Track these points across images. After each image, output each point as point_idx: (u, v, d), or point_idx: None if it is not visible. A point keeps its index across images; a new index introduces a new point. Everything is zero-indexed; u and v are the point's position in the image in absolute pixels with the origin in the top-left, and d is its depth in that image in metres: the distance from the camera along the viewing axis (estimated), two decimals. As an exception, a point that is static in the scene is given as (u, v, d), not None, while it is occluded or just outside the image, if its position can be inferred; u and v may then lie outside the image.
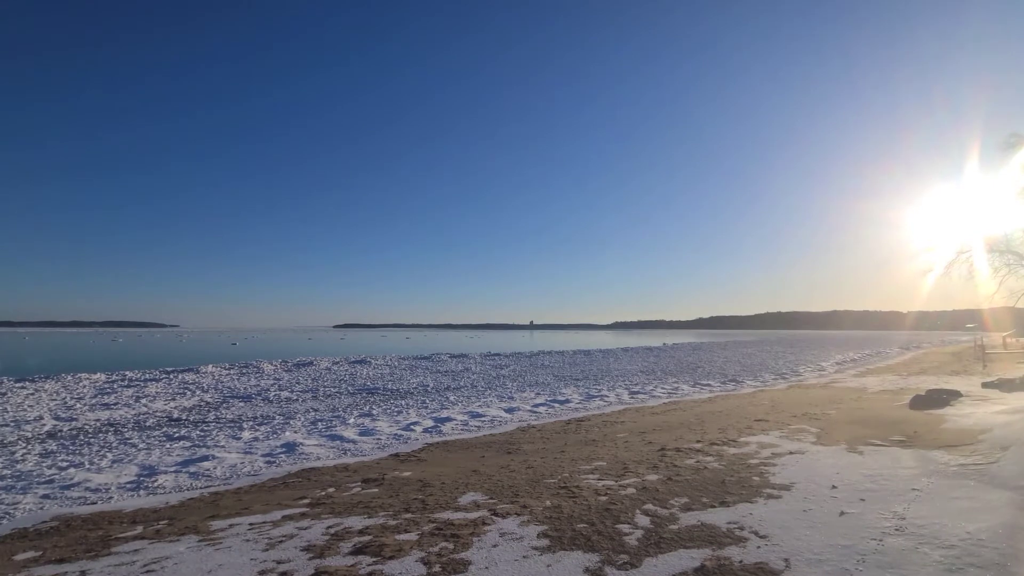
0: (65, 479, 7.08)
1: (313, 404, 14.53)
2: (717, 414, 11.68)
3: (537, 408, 13.45)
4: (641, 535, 4.45)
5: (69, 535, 5.01)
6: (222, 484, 6.97)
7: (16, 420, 11.66)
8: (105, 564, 4.17)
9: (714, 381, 20.06)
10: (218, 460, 8.11)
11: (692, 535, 4.43)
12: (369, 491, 6.25)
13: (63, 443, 9.52)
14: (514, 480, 6.47)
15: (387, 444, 9.42)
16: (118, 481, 7.06)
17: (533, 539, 4.42)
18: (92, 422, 11.61)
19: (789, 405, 12.77)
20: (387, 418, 11.98)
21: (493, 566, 3.91)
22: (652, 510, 5.10)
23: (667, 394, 16.25)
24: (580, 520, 4.86)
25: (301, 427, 10.92)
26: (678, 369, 25.94)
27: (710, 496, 5.53)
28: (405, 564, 3.96)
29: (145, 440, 9.71)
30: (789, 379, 20.83)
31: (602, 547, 4.21)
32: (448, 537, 4.51)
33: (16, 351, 48.41)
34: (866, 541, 4.21)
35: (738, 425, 10.05)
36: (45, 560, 4.33)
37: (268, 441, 9.50)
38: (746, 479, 6.18)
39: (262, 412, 13.08)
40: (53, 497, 6.39)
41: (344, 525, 4.95)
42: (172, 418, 12.24)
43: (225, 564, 4.08)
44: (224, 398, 15.59)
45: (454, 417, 11.96)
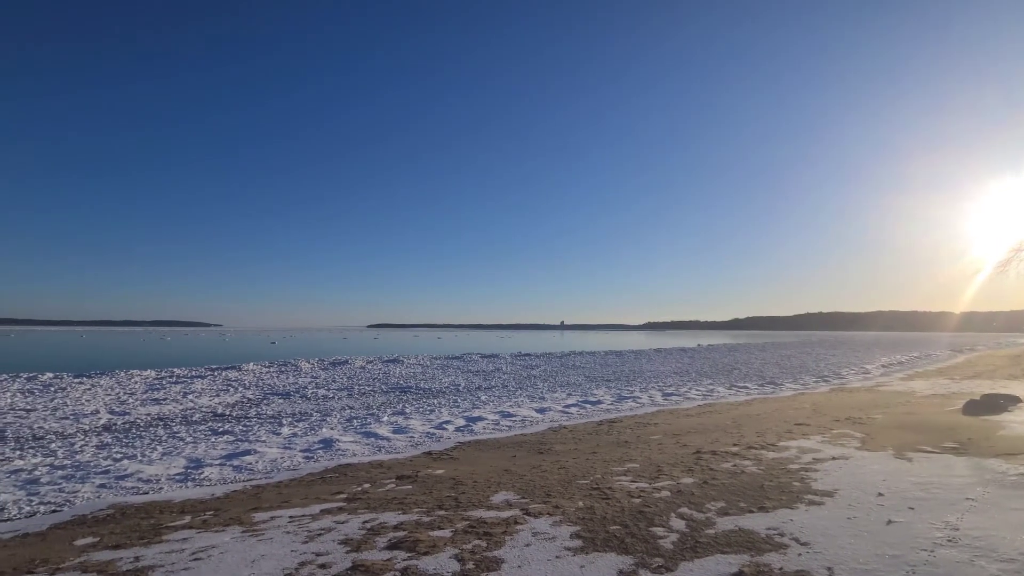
0: (119, 470, 7.47)
1: (348, 402, 14.87)
2: (755, 417, 11.37)
3: (568, 409, 13.39)
4: (676, 539, 4.38)
5: (124, 523, 5.29)
6: (263, 478, 7.22)
7: (75, 414, 12.38)
8: (157, 551, 4.39)
9: (751, 383, 19.53)
10: (259, 454, 8.40)
11: (729, 540, 4.33)
12: (403, 488, 6.36)
13: (117, 436, 10.05)
14: (546, 480, 6.47)
15: (420, 442, 9.55)
16: (167, 473, 7.41)
17: (566, 539, 4.41)
18: (143, 416, 12.21)
19: (831, 409, 12.31)
20: (420, 416, 12.15)
21: (526, 565, 3.92)
22: (687, 514, 5.01)
23: (702, 396, 15.91)
24: (613, 522, 4.81)
25: (337, 424, 11.20)
26: (713, 371, 25.35)
27: (748, 501, 5.39)
28: (439, 560, 4.02)
29: (192, 434, 10.15)
30: (831, 382, 20.07)
31: (636, 549, 4.17)
32: (481, 535, 4.54)
33: (74, 348, 51.42)
34: (916, 552, 4.03)
35: (777, 429, 9.76)
36: (103, 546, 4.59)
37: (306, 437, 9.78)
38: (786, 484, 6.00)
39: (300, 409, 13.48)
40: (109, 487, 6.75)
41: (379, 520, 5.06)
42: (216, 414, 12.75)
43: (267, 555, 4.23)
44: (264, 395, 16.13)
45: (485, 416, 12.03)
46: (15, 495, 6.31)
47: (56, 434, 10.18)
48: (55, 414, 12.30)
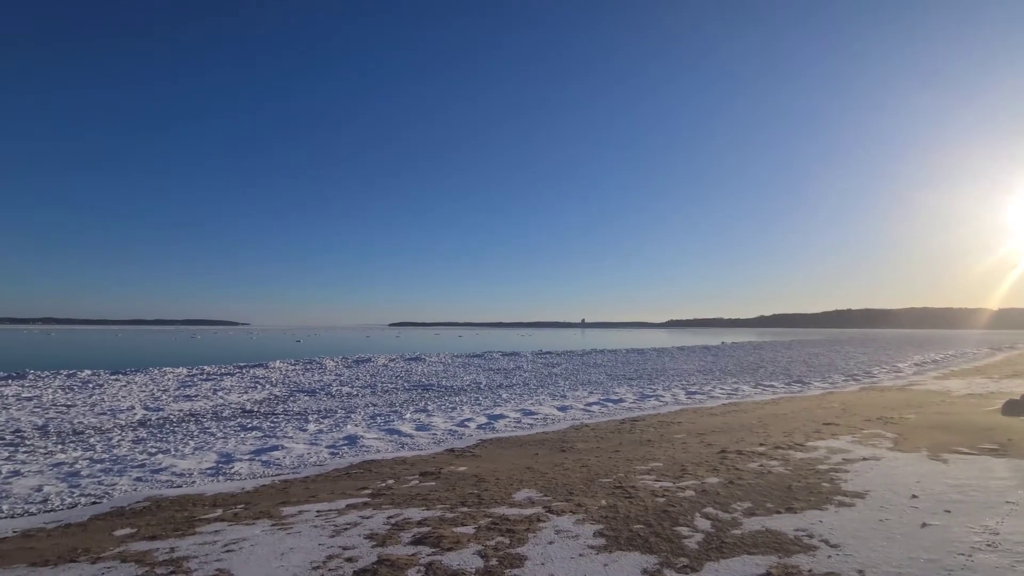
0: (154, 464, 7.73)
1: (372, 399, 15.09)
2: (781, 416, 11.15)
3: (590, 407, 13.34)
4: (701, 538, 4.33)
5: (159, 514, 5.48)
6: (291, 473, 7.38)
7: (112, 409, 12.85)
8: (191, 542, 4.54)
9: (777, 382, 19.14)
10: (287, 450, 8.59)
11: (756, 541, 4.26)
12: (426, 484, 6.43)
13: (152, 431, 10.40)
14: (568, 478, 6.46)
15: (442, 439, 9.64)
16: (199, 467, 7.64)
17: (589, 538, 4.41)
18: (176, 412, 12.60)
19: (862, 408, 11.99)
20: (442, 414, 12.26)
21: (549, 562, 3.93)
22: (712, 513, 4.95)
23: (726, 395, 15.66)
24: (637, 521, 4.79)
25: (361, 421, 11.37)
26: (738, 369, 24.93)
27: (775, 501, 5.30)
28: (463, 556, 4.05)
29: (222, 430, 10.44)
30: (861, 381, 19.54)
31: (660, 549, 4.14)
32: (504, 532, 4.57)
33: (110, 347, 53.32)
34: (953, 556, 3.90)
35: (805, 429, 9.55)
36: (140, 536, 4.76)
37: (331, 433, 9.96)
38: (815, 485, 5.87)
39: (325, 406, 13.73)
40: (145, 480, 6.99)
41: (404, 516, 5.13)
42: (245, 410, 13.08)
43: (296, 548, 4.33)
44: (291, 392, 16.48)
45: (507, 414, 12.07)
46: (58, 487, 6.59)
47: (95, 429, 10.58)
48: (93, 410, 12.78)
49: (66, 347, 51.76)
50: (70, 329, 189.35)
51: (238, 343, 63.98)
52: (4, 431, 10.24)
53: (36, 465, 7.67)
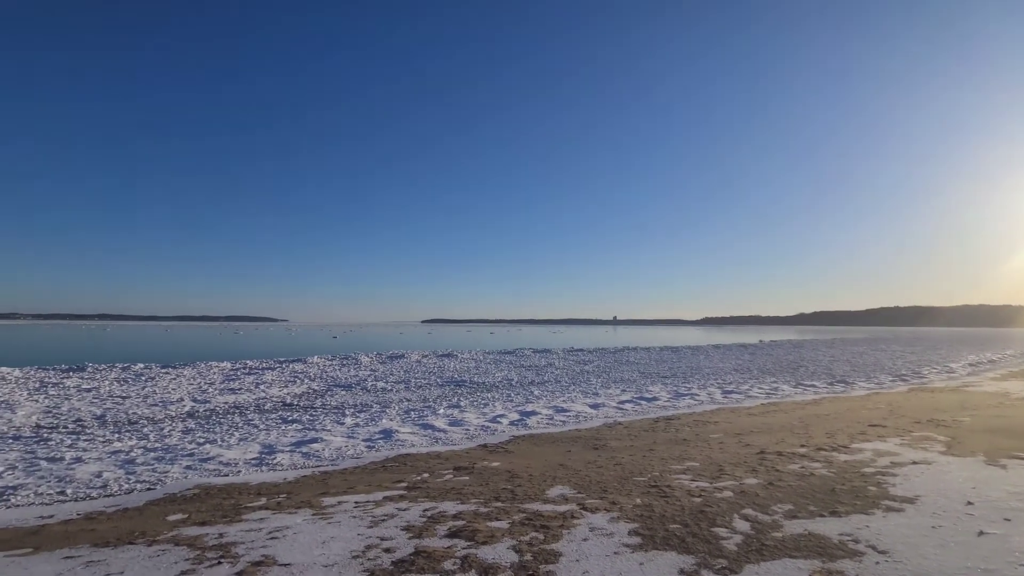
0: (202, 453, 8.10)
1: (406, 394, 15.35)
2: (824, 417, 10.77)
3: (623, 405, 13.20)
4: (740, 540, 4.24)
5: (208, 502, 5.74)
6: (330, 464, 7.60)
7: (163, 401, 13.51)
8: (238, 529, 4.74)
9: (819, 382, 18.47)
10: (325, 443, 8.84)
11: (798, 544, 4.14)
12: (460, 479, 6.51)
13: (200, 422, 10.88)
14: (602, 476, 6.42)
15: (475, 435, 9.73)
16: (244, 457, 7.95)
17: (624, 536, 4.37)
18: (222, 405, 13.15)
19: (911, 410, 11.46)
20: (474, 410, 12.37)
21: (584, 559, 3.92)
22: (752, 515, 4.84)
23: (765, 394, 15.23)
24: (673, 520, 4.72)
25: (396, 415, 11.59)
26: (777, 368, 24.18)
27: (818, 504, 5.13)
28: (497, 550, 4.09)
29: (264, 422, 10.83)
30: (910, 381, 18.65)
31: (697, 549, 4.07)
32: (538, 528, 4.58)
33: (160, 341, 56.01)
34: (1013, 567, 3.70)
35: (849, 430, 9.20)
36: (191, 522, 5.00)
37: (367, 427, 10.20)
38: (860, 488, 5.66)
39: (361, 400, 14.06)
40: (194, 468, 7.33)
41: (439, 509, 5.21)
42: (286, 403, 13.53)
43: (336, 537, 4.47)
44: (328, 387, 16.94)
45: (539, 411, 12.08)
46: (116, 473, 6.98)
47: (147, 419, 11.15)
48: (146, 401, 13.47)
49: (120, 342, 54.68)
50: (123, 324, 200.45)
51: (277, 339, 66.16)
52: (67, 420, 10.92)
53: (96, 452, 8.15)
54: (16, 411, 11.80)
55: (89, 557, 4.12)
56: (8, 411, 11.78)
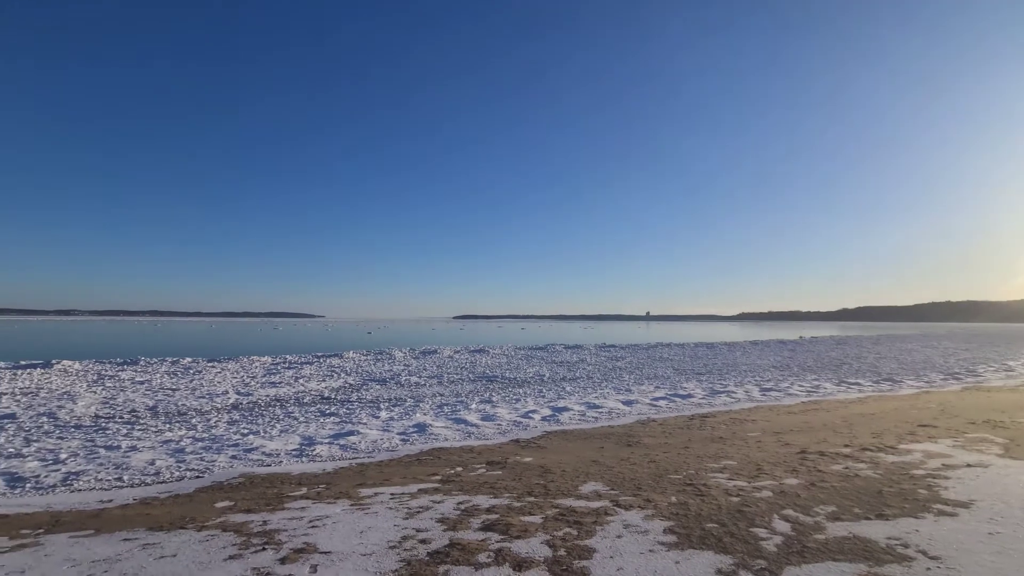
0: (247, 444, 8.43)
1: (439, 389, 15.56)
2: (869, 417, 10.34)
3: (657, 402, 13.02)
4: (780, 541, 4.13)
5: (252, 490, 5.98)
6: (366, 456, 7.79)
7: (209, 393, 14.12)
8: (281, 516, 4.92)
9: (864, 380, 17.73)
10: (362, 435, 9.07)
11: (842, 547, 4.00)
12: (493, 473, 6.57)
13: (243, 414, 11.33)
14: (636, 473, 6.36)
15: (507, 430, 9.78)
16: (285, 448, 8.23)
17: (659, 534, 4.32)
18: (263, 397, 13.64)
19: (965, 410, 10.87)
20: (506, 405, 12.43)
21: (618, 556, 3.90)
22: (793, 516, 4.70)
23: (805, 392, 14.73)
24: (709, 520, 4.64)
25: (429, 410, 11.77)
26: (818, 365, 23.34)
27: (863, 507, 4.94)
28: (531, 545, 4.11)
29: (304, 415, 11.18)
30: (963, 380, 17.68)
31: (735, 550, 3.99)
32: (571, 523, 4.58)
33: (206, 336, 58.49)
34: (1081, 578, 3.47)
35: (897, 430, 8.81)
36: (237, 509, 5.22)
37: (402, 421, 10.40)
38: (909, 491, 5.41)
39: (395, 395, 14.33)
40: (239, 458, 7.65)
41: (472, 502, 5.27)
42: (323, 397, 13.93)
43: (374, 527, 4.58)
44: (364, 381, 17.34)
45: (571, 407, 12.04)
46: (167, 461, 7.35)
47: (195, 411, 11.68)
48: (194, 393, 14.11)
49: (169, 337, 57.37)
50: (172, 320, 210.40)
51: (315, 334, 68.05)
52: (123, 411, 11.55)
53: (149, 441, 8.60)
54: (77, 402, 12.56)
55: (145, 540, 4.36)
56: (70, 402, 12.56)
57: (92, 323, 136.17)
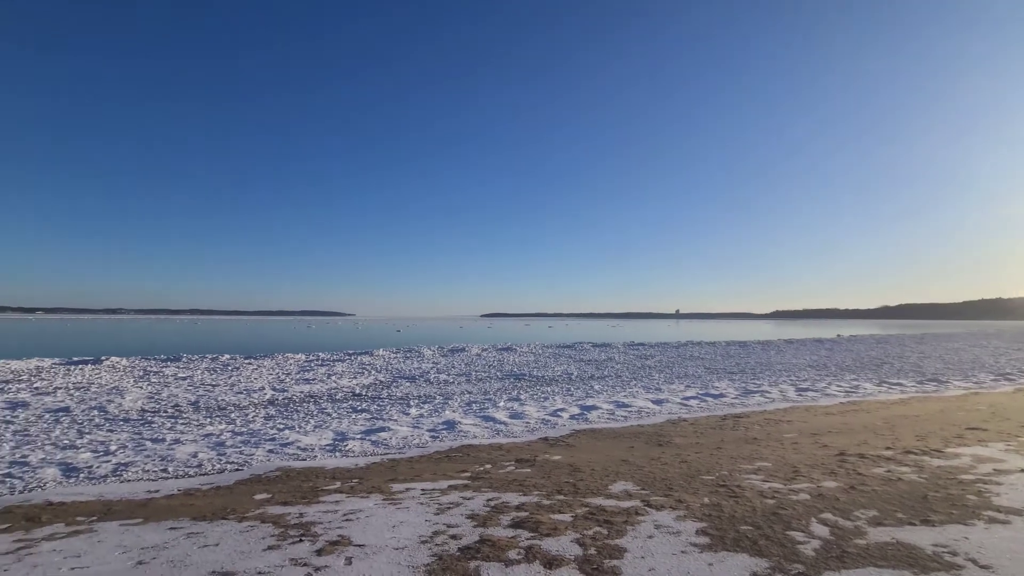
0: (283, 438, 8.69)
1: (467, 387, 15.69)
2: (913, 418, 9.93)
3: (688, 401, 12.81)
4: (819, 546, 4.01)
5: (289, 483, 6.16)
6: (397, 452, 7.93)
7: (247, 389, 14.60)
8: (316, 509, 5.06)
9: (907, 380, 17.02)
10: (392, 432, 9.23)
11: (885, 553, 3.86)
12: (522, 471, 6.59)
13: (279, 409, 11.68)
14: (667, 473, 6.28)
15: (536, 428, 9.79)
16: (319, 443, 8.45)
17: (691, 535, 4.26)
18: (298, 394, 14.03)
19: (1018, 412, 10.32)
20: (534, 403, 12.44)
21: (649, 556, 3.86)
22: (831, 520, 4.56)
23: (844, 393, 14.24)
24: (744, 522, 4.54)
25: (458, 407, 11.88)
26: (857, 365, 22.53)
27: (907, 512, 4.75)
28: (561, 543, 4.11)
29: (336, 411, 11.45)
30: (1016, 381, 16.77)
31: (771, 553, 3.89)
32: (601, 523, 4.56)
33: (243, 334, 60.47)
34: None
35: (943, 433, 8.44)
36: (275, 502, 5.39)
37: (431, 418, 10.53)
38: (957, 497, 5.18)
39: (425, 392, 14.52)
40: (276, 452, 7.89)
41: (502, 499, 5.30)
42: (355, 393, 14.23)
43: (406, 522, 4.66)
44: (394, 378, 17.63)
45: (599, 406, 11.96)
46: (209, 454, 7.64)
47: (234, 406, 12.10)
48: (232, 389, 14.62)
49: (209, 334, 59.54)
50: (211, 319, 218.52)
51: (346, 332, 69.52)
52: (167, 405, 12.06)
53: (192, 435, 8.96)
54: (125, 396, 13.18)
55: (190, 529, 4.55)
56: (118, 396, 13.18)
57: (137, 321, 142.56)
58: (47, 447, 8.10)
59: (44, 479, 6.43)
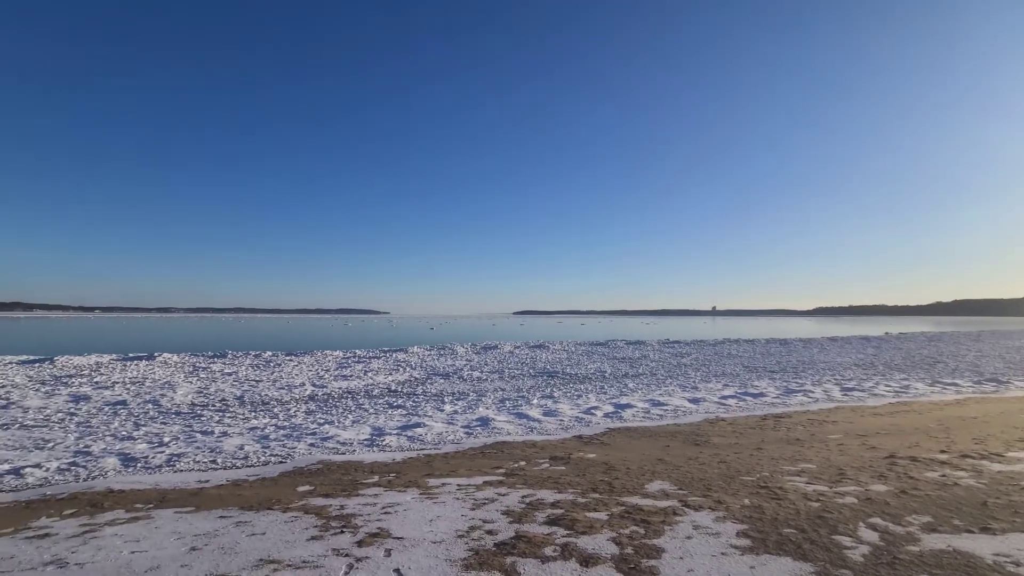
0: (323, 433, 8.95)
1: (500, 384, 15.77)
2: (970, 420, 9.40)
3: (726, 400, 12.50)
4: (867, 551, 3.86)
5: (329, 476, 6.35)
6: (432, 448, 8.05)
7: (288, 385, 15.11)
8: (356, 502, 5.20)
9: (963, 380, 16.11)
10: (427, 428, 9.37)
11: (941, 562, 3.68)
12: (556, 468, 6.58)
13: (319, 404, 12.04)
14: (705, 473, 6.15)
15: (569, 426, 9.76)
16: (358, 438, 8.67)
17: (731, 537, 4.17)
18: (336, 390, 14.42)
19: (1090, 416, 9.62)
20: (568, 401, 12.39)
21: (688, 557, 3.80)
22: (881, 525, 4.37)
23: (893, 393, 13.60)
24: (787, 525, 4.41)
25: (491, 404, 11.96)
26: (908, 364, 21.47)
27: (964, 518, 4.51)
28: (597, 541, 4.09)
29: (373, 407, 11.71)
30: (1088, 382, 15.62)
31: (816, 557, 3.77)
32: (638, 522, 4.51)
33: (284, 332, 62.57)
34: None
35: (1004, 436, 7.96)
36: (316, 494, 5.57)
37: (465, 415, 10.64)
38: (1020, 504, 4.88)
39: (458, 389, 14.68)
40: (317, 446, 8.14)
41: (537, 496, 5.32)
42: (391, 390, 14.52)
43: (442, 516, 4.74)
44: (428, 375, 17.89)
45: (634, 404, 11.82)
46: (254, 447, 7.96)
47: (277, 401, 12.54)
48: (275, 385, 15.15)
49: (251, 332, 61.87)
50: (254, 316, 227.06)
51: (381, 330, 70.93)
52: (215, 400, 12.61)
53: (238, 428, 9.34)
54: (176, 391, 13.85)
55: (238, 518, 4.75)
56: (171, 391, 13.87)
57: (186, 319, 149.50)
58: (107, 438, 8.60)
59: (105, 468, 6.84)
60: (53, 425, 9.64)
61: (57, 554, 3.99)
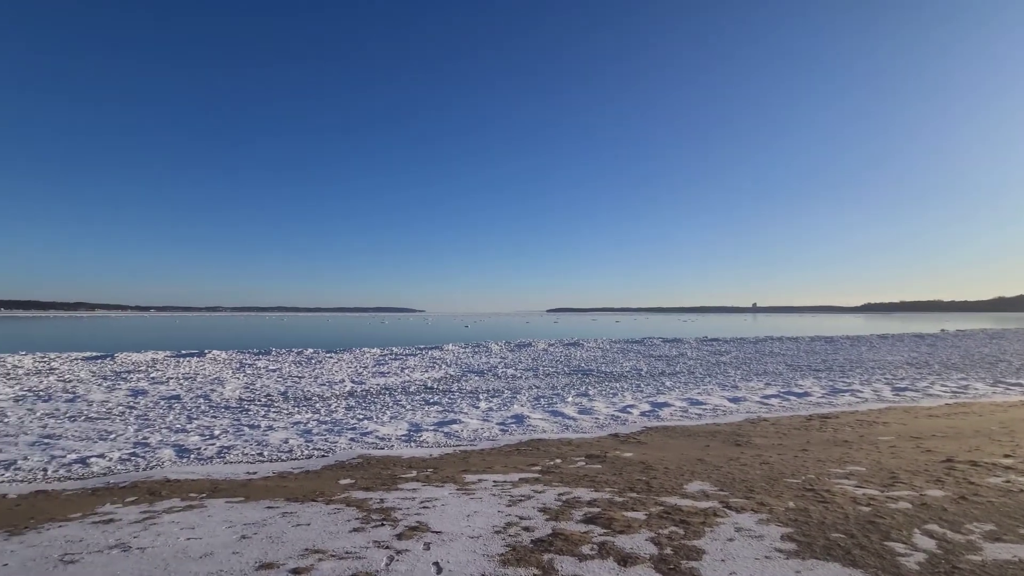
0: (362, 428, 9.19)
1: (534, 382, 15.78)
2: (1038, 424, 8.79)
3: (768, 400, 12.12)
4: (924, 560, 3.67)
5: (369, 470, 6.51)
6: (468, 444, 8.14)
7: (329, 381, 15.57)
8: (395, 496, 5.32)
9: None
10: (463, 424, 9.48)
11: (1004, 572, 3.47)
12: (593, 466, 6.54)
13: (358, 400, 12.35)
14: (746, 474, 5.99)
15: (605, 424, 9.68)
16: (396, 433, 8.86)
17: (776, 540, 4.05)
18: (374, 386, 14.76)
19: None
20: (603, 399, 12.29)
21: (730, 560, 3.71)
22: (938, 532, 4.16)
23: (951, 393, 12.87)
24: (835, 529, 4.25)
25: (526, 401, 11.99)
26: (966, 363, 20.25)
27: (1032, 528, 4.23)
28: (635, 541, 4.05)
29: (410, 403, 11.93)
30: None
31: (867, 564, 3.62)
32: (677, 523, 4.44)
33: (324, 329, 64.48)
34: None
35: (1077, 441, 7.41)
36: (357, 487, 5.72)
37: (500, 412, 10.70)
38: (1097, 514, 4.54)
39: (493, 386, 14.77)
40: (357, 440, 8.36)
41: (573, 495, 5.30)
42: (427, 387, 14.75)
43: (479, 512, 4.79)
44: (463, 372, 18.08)
45: (671, 403, 11.61)
46: (298, 441, 8.24)
47: (318, 396, 12.95)
48: (316, 381, 15.64)
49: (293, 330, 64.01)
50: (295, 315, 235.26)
51: (417, 327, 72.11)
52: (260, 395, 13.12)
53: (282, 423, 9.69)
54: (225, 386, 14.49)
55: (285, 509, 4.94)
56: (220, 386, 14.51)
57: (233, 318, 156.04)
58: (163, 430, 9.09)
59: (162, 459, 7.23)
60: (114, 417, 10.25)
61: (121, 539, 4.25)
